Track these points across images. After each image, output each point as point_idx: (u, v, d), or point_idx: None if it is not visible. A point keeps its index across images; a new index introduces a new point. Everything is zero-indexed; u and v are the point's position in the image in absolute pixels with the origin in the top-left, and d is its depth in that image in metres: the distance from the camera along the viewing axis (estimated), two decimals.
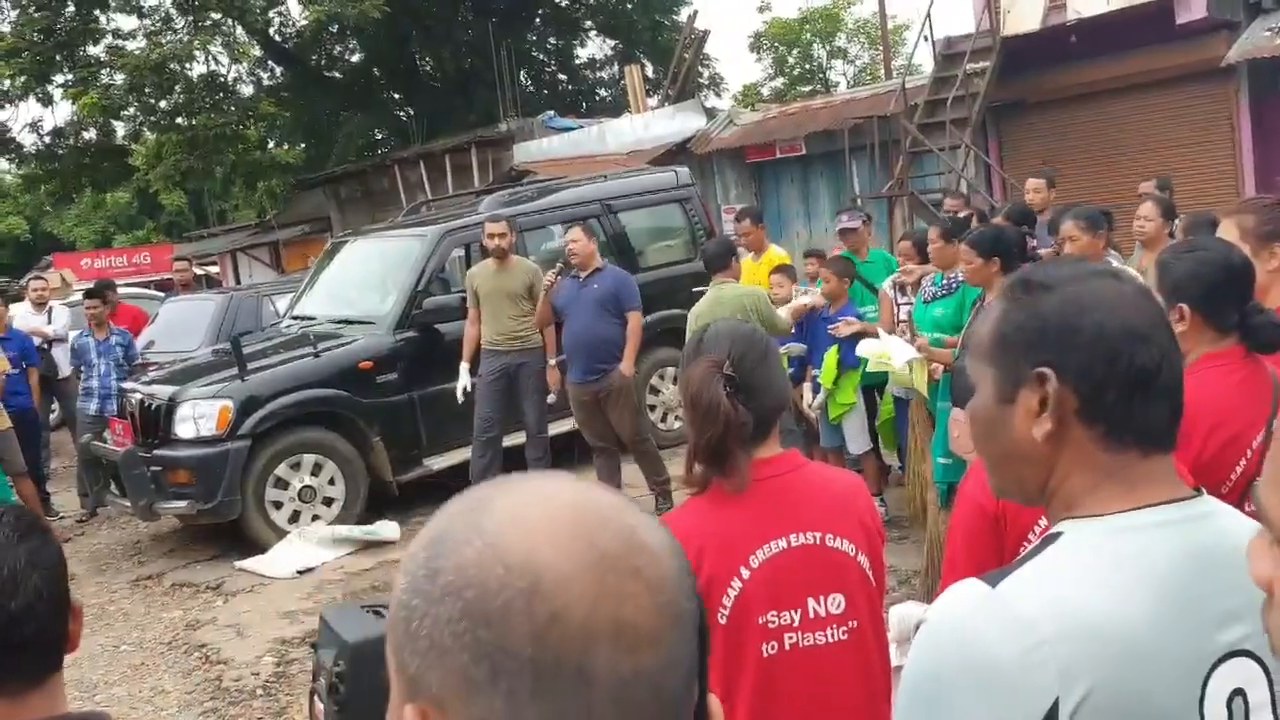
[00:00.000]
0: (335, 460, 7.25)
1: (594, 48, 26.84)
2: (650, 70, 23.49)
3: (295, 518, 7.12)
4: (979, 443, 1.23)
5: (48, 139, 20.52)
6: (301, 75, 22.71)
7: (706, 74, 25.76)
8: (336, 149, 23.72)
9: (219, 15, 18.58)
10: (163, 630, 6.07)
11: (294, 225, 20.63)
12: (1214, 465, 2.17)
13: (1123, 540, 1.09)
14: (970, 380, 1.22)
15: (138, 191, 24.95)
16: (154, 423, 7.12)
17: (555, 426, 7.64)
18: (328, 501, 7.23)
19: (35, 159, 20.70)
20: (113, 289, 10.39)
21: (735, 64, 76.66)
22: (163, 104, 18.97)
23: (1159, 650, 1.04)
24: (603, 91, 26.29)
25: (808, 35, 32.95)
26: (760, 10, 33.60)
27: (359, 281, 8.70)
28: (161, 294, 13.67)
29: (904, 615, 2.08)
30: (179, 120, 19.14)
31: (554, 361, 7.20)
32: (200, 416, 6.94)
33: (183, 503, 6.96)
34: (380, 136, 24.86)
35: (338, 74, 23.82)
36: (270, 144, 23.74)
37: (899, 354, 5.35)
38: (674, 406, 8.45)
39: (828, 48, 33.70)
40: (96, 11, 18.72)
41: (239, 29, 19.78)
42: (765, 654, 1.89)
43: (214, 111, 18.98)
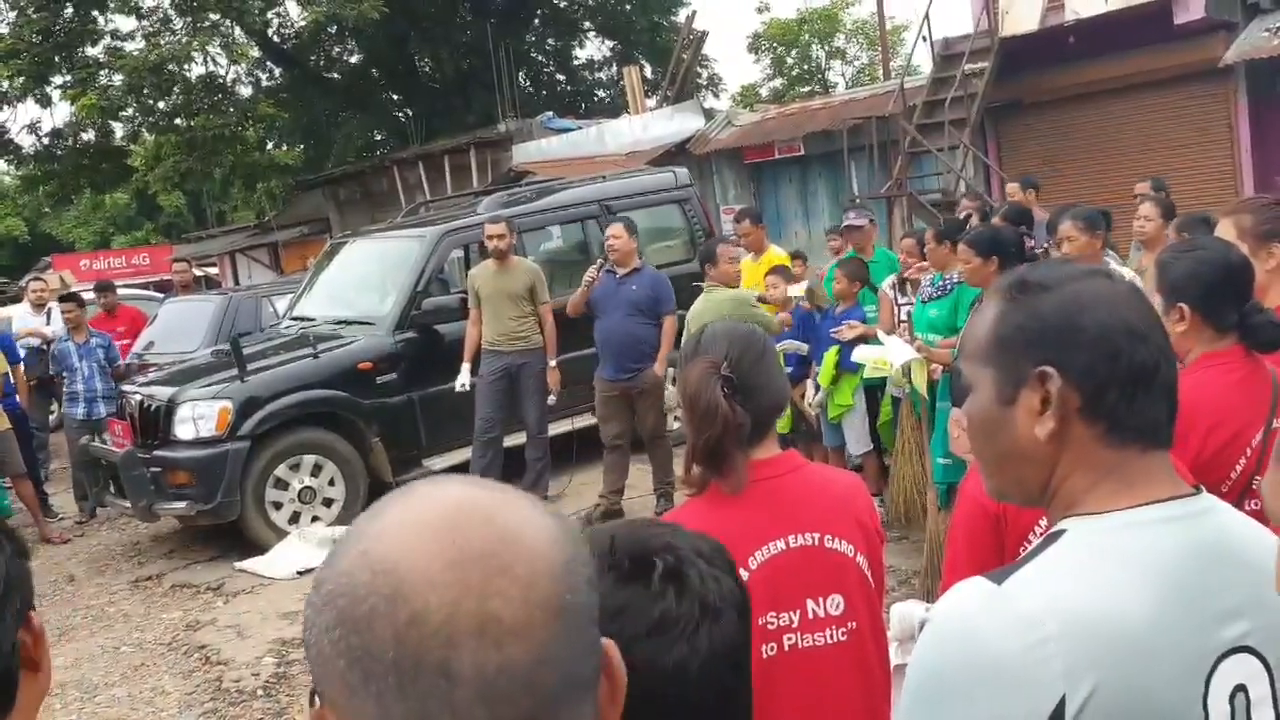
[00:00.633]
0: (335, 461, 7.25)
1: (592, 48, 26.87)
2: (649, 71, 23.47)
3: (295, 518, 7.12)
4: (978, 444, 1.23)
5: (46, 140, 20.51)
6: (300, 76, 22.70)
7: (705, 75, 25.77)
8: (335, 150, 23.71)
9: (217, 16, 18.56)
10: (163, 631, 6.07)
11: (293, 226, 20.63)
12: (1214, 464, 2.18)
13: (1126, 537, 1.09)
14: (966, 381, 1.22)
15: (136, 192, 24.95)
16: (153, 424, 7.12)
17: (555, 427, 7.66)
18: (327, 502, 7.23)
19: (34, 160, 20.69)
20: (112, 290, 10.41)
21: (734, 65, 76.81)
22: (161, 105, 18.98)
23: (1163, 647, 1.04)
24: (601, 92, 26.29)
25: (806, 36, 32.95)
26: (759, 11, 33.63)
27: (358, 282, 8.69)
28: (160, 295, 13.66)
29: (905, 614, 2.07)
30: (178, 121, 19.16)
31: (554, 362, 7.21)
32: (200, 417, 6.94)
33: (182, 503, 6.96)
34: (379, 137, 24.85)
35: (336, 75, 23.81)
36: (269, 145, 23.73)
37: (899, 354, 5.34)
38: (673, 407, 8.43)
39: (826, 48, 33.71)
40: (95, 12, 18.70)
41: (237, 30, 19.77)
42: (764, 655, 1.88)
43: (213, 112, 18.97)
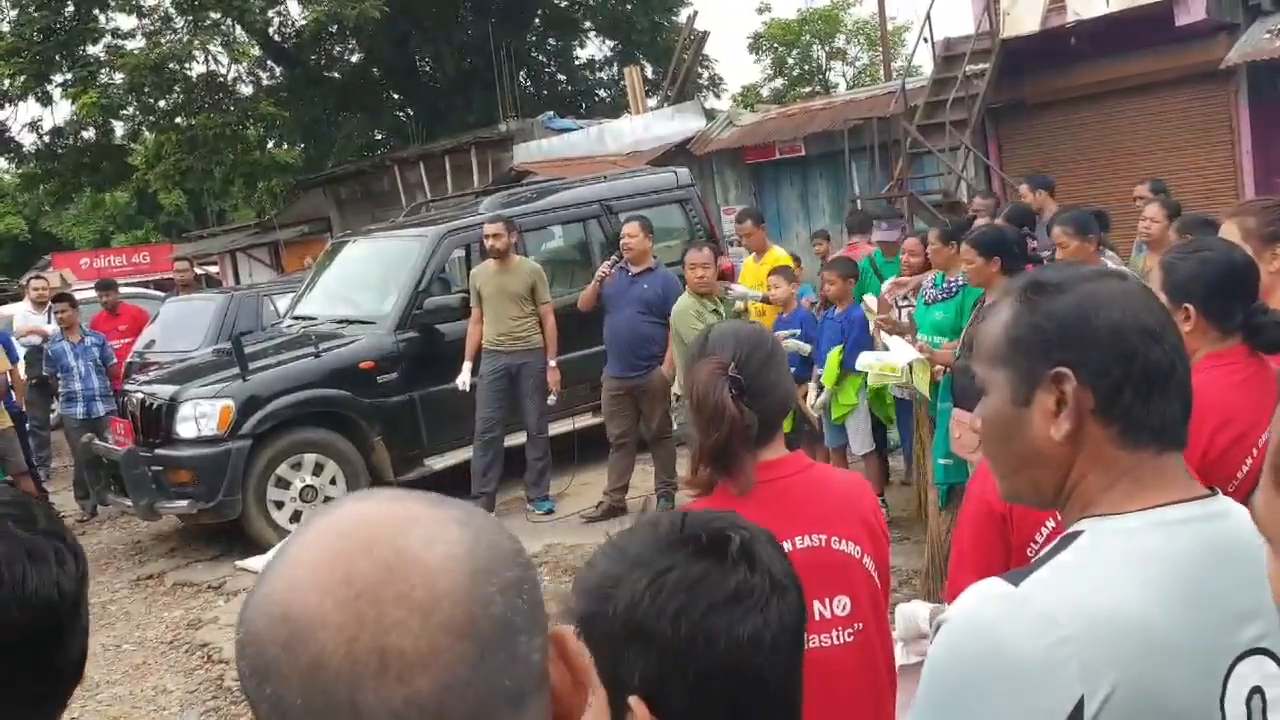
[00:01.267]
0: (336, 460, 7.26)
1: (593, 48, 26.83)
2: (649, 71, 23.46)
3: (296, 517, 7.12)
4: (991, 447, 1.22)
5: (47, 138, 20.49)
6: (301, 75, 22.68)
7: (706, 75, 25.75)
8: (335, 149, 23.68)
9: (218, 15, 18.55)
10: (164, 630, 6.08)
11: (293, 225, 20.62)
12: (1220, 463, 2.18)
13: (1143, 538, 1.09)
14: (979, 383, 1.21)
15: (137, 191, 24.91)
16: (155, 422, 7.13)
17: (555, 427, 7.66)
18: (329, 501, 7.22)
19: (34, 158, 20.67)
20: (114, 289, 10.41)
21: (734, 65, 76.70)
22: (162, 104, 18.98)
23: (1180, 648, 1.04)
24: (602, 92, 26.26)
25: (807, 36, 32.96)
26: (759, 11, 33.61)
27: (360, 282, 8.70)
28: (161, 294, 13.67)
29: (910, 615, 2.08)
30: (178, 120, 19.16)
31: (554, 362, 7.21)
32: (202, 416, 6.95)
33: (184, 502, 6.98)
34: (379, 137, 24.81)
35: (337, 74, 23.77)
36: (270, 144, 23.71)
37: (901, 355, 5.36)
38: (672, 406, 8.43)
39: (827, 49, 33.71)
40: (96, 11, 18.70)
41: (238, 29, 19.77)
42: None
43: (213, 111, 18.98)
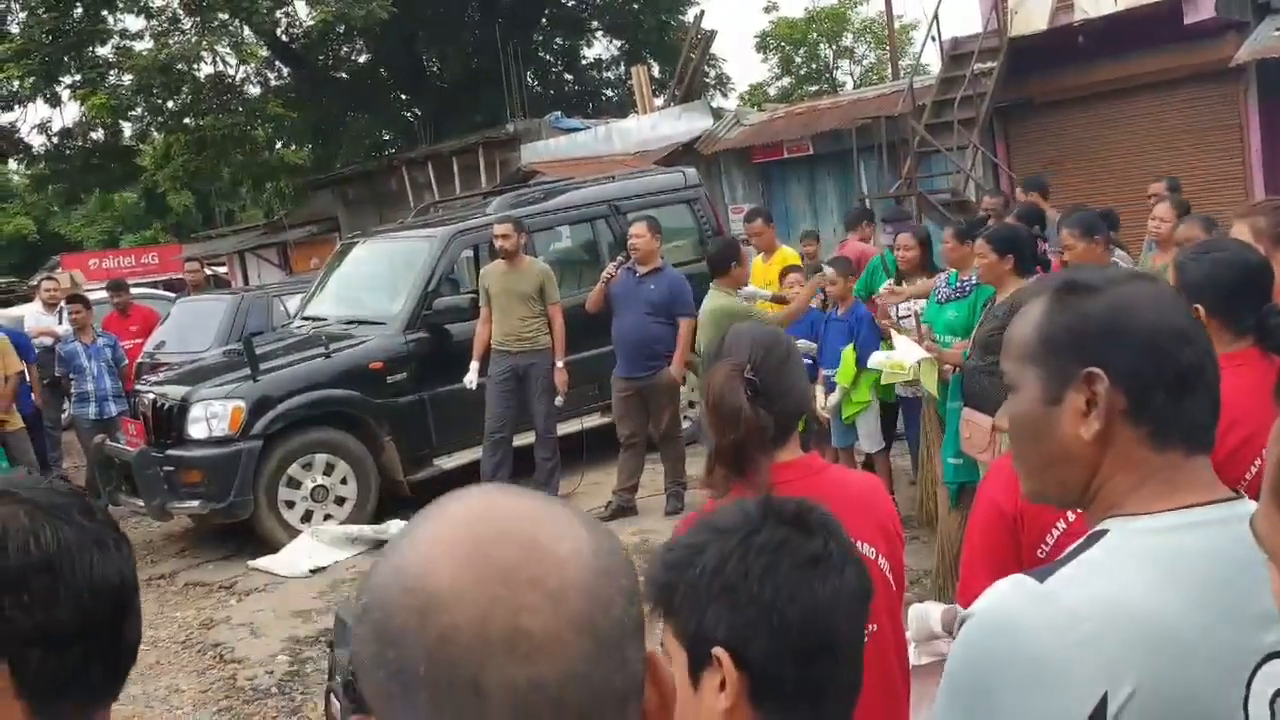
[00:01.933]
0: (347, 460, 7.28)
1: (600, 48, 26.86)
2: (657, 70, 23.45)
3: (308, 517, 7.15)
4: (1020, 445, 1.22)
5: (56, 139, 20.55)
6: (308, 76, 22.73)
7: (713, 74, 25.74)
8: (343, 150, 23.74)
9: (226, 16, 18.59)
10: (177, 629, 6.11)
11: (302, 226, 20.68)
12: (1229, 463, 2.17)
13: (1168, 539, 1.10)
14: (1008, 381, 1.21)
15: (145, 192, 25.01)
16: (167, 423, 7.16)
17: (564, 427, 7.67)
18: (340, 501, 7.26)
19: (44, 159, 20.75)
20: (126, 289, 10.45)
21: (742, 64, 76.72)
22: (170, 104, 19.01)
23: (1204, 649, 1.04)
24: (609, 92, 26.26)
25: (814, 35, 32.96)
26: (766, 10, 33.47)
27: (369, 282, 8.72)
28: (171, 294, 13.71)
29: (923, 615, 2.09)
30: (186, 121, 19.20)
31: (561, 363, 7.22)
32: (213, 417, 6.97)
33: (195, 502, 7.00)
34: (387, 137, 24.86)
35: (344, 75, 23.81)
36: (278, 145, 23.76)
37: (909, 354, 5.36)
38: (682, 406, 8.44)
39: (834, 47, 33.71)
40: (104, 12, 18.76)
41: (246, 30, 19.80)
42: None
43: (221, 112, 19.01)
